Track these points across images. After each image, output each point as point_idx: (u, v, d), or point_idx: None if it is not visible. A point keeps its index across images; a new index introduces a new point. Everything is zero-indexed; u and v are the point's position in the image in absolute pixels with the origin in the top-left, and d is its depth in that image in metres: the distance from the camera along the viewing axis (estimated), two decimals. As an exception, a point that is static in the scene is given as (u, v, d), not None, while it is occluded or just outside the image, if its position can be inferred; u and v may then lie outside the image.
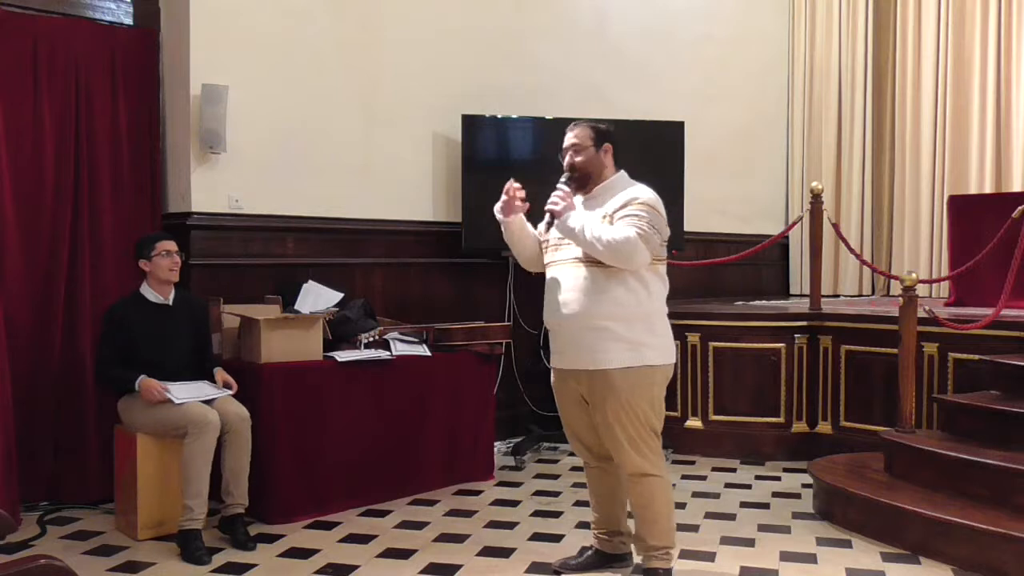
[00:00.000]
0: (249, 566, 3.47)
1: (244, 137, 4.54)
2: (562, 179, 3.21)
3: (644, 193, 3.14)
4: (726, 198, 6.98)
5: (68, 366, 4.21)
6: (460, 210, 5.36)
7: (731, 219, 7.03)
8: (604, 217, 3.10)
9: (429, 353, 4.53)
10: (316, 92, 4.88)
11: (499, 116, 5.43)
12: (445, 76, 5.42)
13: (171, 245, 3.85)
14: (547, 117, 5.48)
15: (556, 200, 3.12)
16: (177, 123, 4.53)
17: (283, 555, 3.61)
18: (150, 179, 4.48)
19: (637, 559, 3.33)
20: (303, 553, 3.62)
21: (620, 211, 3.08)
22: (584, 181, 3.21)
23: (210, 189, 4.49)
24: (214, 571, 3.44)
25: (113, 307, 3.86)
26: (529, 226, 3.30)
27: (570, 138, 3.25)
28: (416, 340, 4.57)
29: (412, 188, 5.34)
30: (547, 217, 3.15)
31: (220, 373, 3.93)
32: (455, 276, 5.42)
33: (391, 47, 5.21)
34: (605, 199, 3.16)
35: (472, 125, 5.36)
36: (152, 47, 4.51)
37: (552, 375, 3.34)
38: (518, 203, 3.22)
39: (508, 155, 5.51)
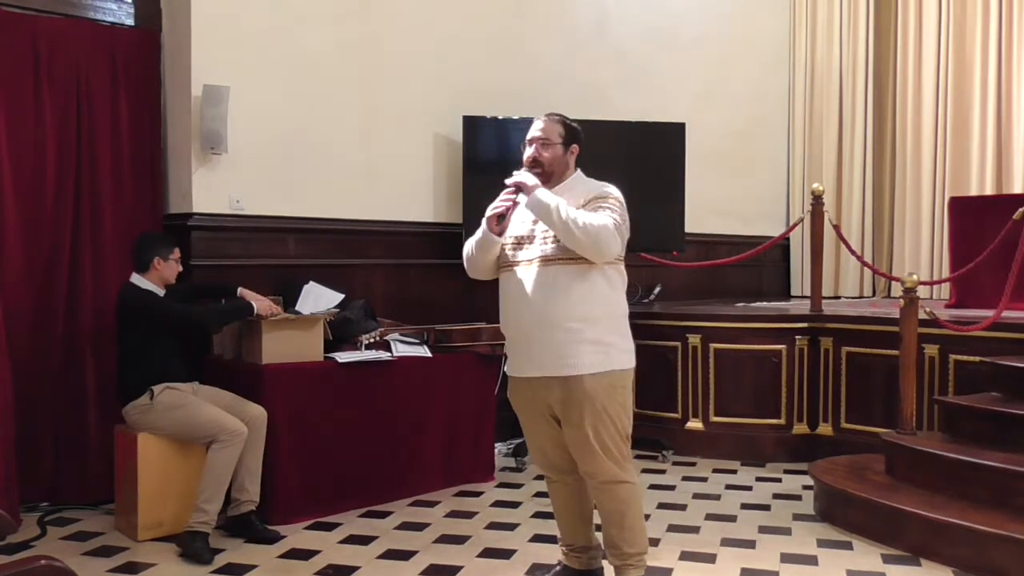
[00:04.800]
0: (250, 567, 3.47)
1: (245, 138, 4.54)
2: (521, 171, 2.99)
3: (613, 189, 3.00)
4: (727, 199, 6.98)
5: (69, 367, 4.21)
6: (461, 211, 5.36)
7: (732, 220, 7.03)
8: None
9: (430, 354, 4.53)
10: (317, 93, 4.88)
11: (500, 117, 5.43)
12: (446, 77, 5.42)
13: (179, 253, 3.96)
14: (548, 118, 5.46)
15: (523, 179, 2.91)
16: (178, 124, 4.52)
17: (284, 556, 3.61)
18: (151, 180, 4.48)
19: (609, 569, 3.16)
20: (304, 554, 3.62)
21: (588, 204, 2.92)
22: (545, 179, 2.98)
23: (211, 190, 4.49)
24: (214, 572, 3.44)
25: (146, 291, 3.82)
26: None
27: (538, 130, 3.04)
28: (417, 341, 4.57)
29: (413, 189, 5.34)
30: (504, 200, 2.91)
31: (247, 292, 4.03)
32: (456, 277, 5.38)
33: (392, 48, 5.21)
34: (564, 198, 2.94)
35: (473, 126, 5.36)
36: (153, 48, 4.51)
37: (511, 386, 3.11)
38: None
39: (509, 156, 5.47)
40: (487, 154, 5.42)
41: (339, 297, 4.50)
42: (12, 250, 4.06)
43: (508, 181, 2.97)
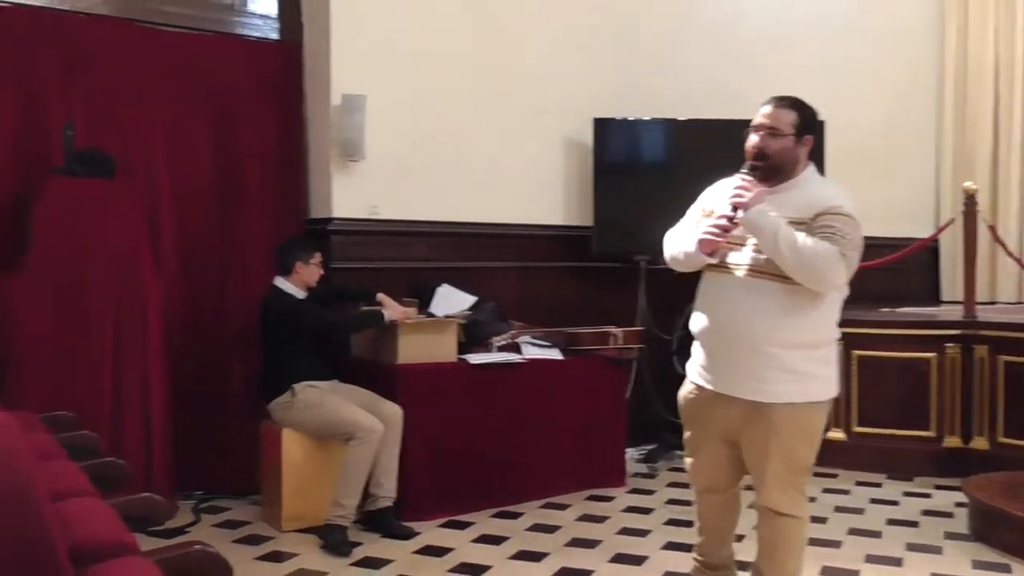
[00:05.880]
0: (386, 561, 3.57)
1: (381, 144, 4.67)
2: (744, 168, 2.69)
3: (846, 200, 2.63)
4: (870, 199, 6.55)
5: (220, 365, 4.44)
6: (591, 213, 5.34)
7: (875, 221, 6.58)
8: (794, 223, 2.58)
9: (561, 356, 4.53)
10: (449, 99, 4.97)
11: (630, 119, 5.38)
12: (576, 80, 5.41)
13: (320, 257, 4.10)
14: (679, 119, 5.39)
15: (741, 192, 2.61)
16: (318, 132, 4.71)
17: (418, 552, 3.70)
18: (294, 187, 4.69)
19: None
20: (438, 551, 3.69)
21: (819, 219, 2.58)
22: (770, 174, 2.67)
23: (349, 195, 4.65)
24: (353, 564, 3.55)
25: (287, 295, 4.00)
26: None
27: (767, 117, 2.69)
28: (548, 344, 4.58)
29: (543, 192, 5.36)
30: (727, 210, 2.63)
31: (385, 298, 4.15)
32: (585, 280, 5.40)
33: (522, 52, 5.25)
34: (791, 198, 2.66)
35: (603, 128, 5.33)
36: (296, 60, 4.72)
37: (690, 392, 2.88)
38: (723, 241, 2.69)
39: (639, 158, 5.45)
40: (617, 156, 5.38)
41: (471, 299, 4.57)
42: (168, 255, 4.31)
43: (728, 199, 2.66)
